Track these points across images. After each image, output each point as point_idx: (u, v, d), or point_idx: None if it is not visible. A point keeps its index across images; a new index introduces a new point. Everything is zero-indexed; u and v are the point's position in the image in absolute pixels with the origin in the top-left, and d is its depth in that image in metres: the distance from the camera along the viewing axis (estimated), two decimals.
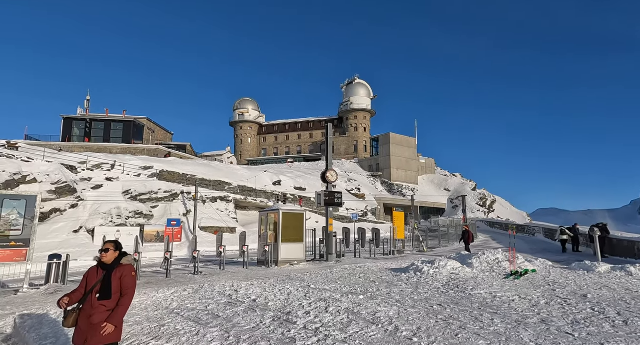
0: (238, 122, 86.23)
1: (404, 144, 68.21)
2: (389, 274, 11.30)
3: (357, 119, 78.03)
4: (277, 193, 39.69)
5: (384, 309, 6.53)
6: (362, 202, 48.15)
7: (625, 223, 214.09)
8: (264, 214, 16.95)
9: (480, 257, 12.05)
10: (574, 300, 7.08)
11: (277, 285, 9.21)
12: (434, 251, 21.76)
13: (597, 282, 9.21)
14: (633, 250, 17.11)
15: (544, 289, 8.44)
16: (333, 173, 17.90)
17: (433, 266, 11.03)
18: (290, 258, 15.14)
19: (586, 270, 11.23)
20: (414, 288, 8.73)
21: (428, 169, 72.99)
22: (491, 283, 9.15)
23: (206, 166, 40.17)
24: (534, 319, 5.83)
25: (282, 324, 5.80)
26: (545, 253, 19.78)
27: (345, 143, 78.19)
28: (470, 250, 18.72)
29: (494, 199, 63.97)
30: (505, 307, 6.69)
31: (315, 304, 7.10)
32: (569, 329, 5.25)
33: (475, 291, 8.08)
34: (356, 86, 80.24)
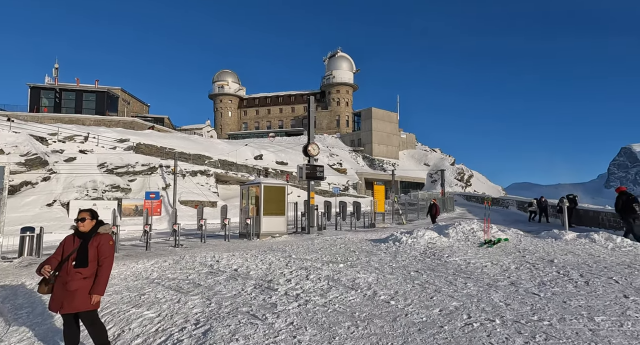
0: (218, 95, 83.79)
1: (385, 119, 68.33)
2: (368, 244, 11.58)
3: (340, 93, 77.18)
4: (258, 167, 39.42)
5: (363, 276, 6.72)
6: (343, 177, 48.54)
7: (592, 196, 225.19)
8: (245, 187, 16.86)
9: (456, 227, 12.47)
10: (542, 265, 7.48)
11: (258, 256, 9.30)
12: (412, 223, 22.38)
13: (563, 249, 9.73)
14: (598, 219, 18.10)
15: (515, 255, 8.86)
16: (315, 147, 17.83)
17: (411, 236, 11.35)
18: (272, 231, 15.26)
19: (554, 238, 11.82)
20: (392, 257, 8.99)
21: (409, 144, 73.79)
22: (466, 251, 9.53)
23: (185, 139, 39.24)
24: (504, 282, 6.14)
25: (263, 291, 5.90)
26: (518, 223, 20.69)
27: (327, 117, 77.61)
28: (435, 221, 19.18)
29: (471, 174, 65.71)
30: (478, 272, 7.00)
31: (297, 272, 7.23)
32: (535, 290, 5.56)
33: (451, 258, 8.40)
34: (339, 59, 78.74)
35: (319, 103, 78.18)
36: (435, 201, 20.93)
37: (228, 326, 4.29)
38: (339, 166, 52.94)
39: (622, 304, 4.70)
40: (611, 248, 9.92)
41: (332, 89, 77.34)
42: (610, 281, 5.94)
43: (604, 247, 10.09)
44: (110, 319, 4.82)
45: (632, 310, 4.47)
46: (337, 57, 78.93)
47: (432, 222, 19.50)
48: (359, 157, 63.79)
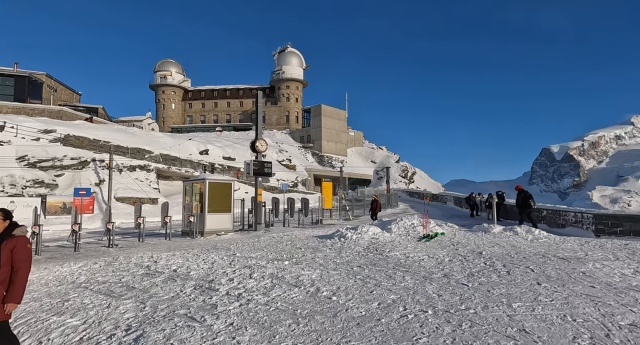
0: (160, 86, 79.14)
1: (334, 116, 69.33)
2: (314, 240, 11.70)
3: (289, 89, 76.80)
4: (204, 163, 37.97)
5: (307, 273, 6.78)
6: (292, 173, 48.50)
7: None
8: (189, 183, 16.15)
9: (398, 223, 13.05)
10: (472, 257, 8.09)
11: (200, 255, 8.97)
12: (358, 219, 23.01)
13: (491, 241, 10.62)
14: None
15: (449, 248, 9.49)
16: (263, 143, 17.57)
17: (356, 232, 11.67)
18: (217, 228, 14.81)
19: (484, 231, 12.87)
20: (337, 253, 9.17)
21: (357, 141, 75.65)
22: (406, 245, 10.01)
23: (123, 132, 36.56)
24: (438, 274, 6.55)
25: (203, 291, 5.70)
26: (454, 218, 22.19)
27: (276, 113, 76.90)
28: (377, 217, 19.31)
29: (414, 171, 69.14)
30: (416, 265, 7.39)
31: (240, 271, 7.09)
32: (465, 280, 6.01)
33: (392, 253, 8.78)
34: (288, 55, 78.24)
35: (268, 98, 77.20)
36: (376, 197, 21.44)
37: (163, 330, 4.08)
38: (288, 162, 52.79)
39: (535, 291, 5.25)
40: (530, 239, 11.03)
41: (282, 84, 76.73)
42: (527, 270, 6.60)
43: (525, 239, 11.19)
44: (25, 329, 4.35)
45: (542, 295, 5.00)
46: (287, 53, 78.38)
47: (372, 218, 19.96)
48: (308, 154, 64.11)
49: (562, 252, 8.76)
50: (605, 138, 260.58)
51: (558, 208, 16.87)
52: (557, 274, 6.24)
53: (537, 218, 18.46)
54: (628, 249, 9.16)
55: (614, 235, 13.68)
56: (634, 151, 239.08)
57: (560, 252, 8.73)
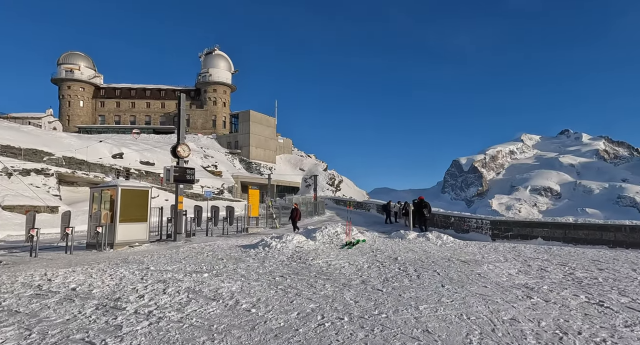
0: (65, 80, 70.63)
1: (263, 122, 68.78)
2: (238, 250, 11.39)
3: (217, 93, 74.32)
4: (117, 167, 34.68)
5: (227, 285, 6.55)
6: (218, 180, 46.75)
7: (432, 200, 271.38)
8: (97, 190, 14.58)
9: (322, 231, 13.35)
10: (388, 263, 8.62)
11: (107, 270, 8.12)
12: (285, 227, 22.98)
13: (406, 247, 11.43)
14: (433, 220, 21.84)
15: (369, 255, 9.98)
16: (185, 148, 16.67)
17: (281, 241, 11.64)
18: (130, 239, 13.58)
19: (400, 238, 13.81)
20: (260, 262, 9.04)
21: (285, 148, 75.88)
22: (329, 253, 10.27)
23: (14, 130, 31.75)
24: (357, 280, 6.84)
25: (107, 311, 5.16)
26: (376, 225, 23.43)
27: (202, 117, 73.71)
28: (296, 227, 18.86)
29: (341, 179, 71.50)
30: (337, 273, 7.62)
31: (153, 286, 6.58)
32: (380, 286, 6.36)
33: (315, 261, 8.93)
34: (216, 57, 75.87)
35: (194, 101, 73.75)
36: (297, 206, 21.14)
37: None
38: (213, 168, 50.77)
39: (440, 293, 5.78)
40: (439, 245, 12.13)
41: (209, 87, 73.96)
42: (434, 274, 7.24)
43: (435, 244, 12.27)
44: None
45: (445, 297, 5.53)
46: (214, 55, 75.93)
47: (293, 228, 19.11)
48: (235, 160, 62.44)
49: (464, 255, 9.79)
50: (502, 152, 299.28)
51: (463, 215, 18.85)
52: (458, 276, 6.95)
53: (446, 224, 20.35)
54: (515, 251, 10.59)
55: (506, 239, 15.70)
56: (523, 164, 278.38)
57: (463, 255, 9.74)
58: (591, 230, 13.50)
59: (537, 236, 14.85)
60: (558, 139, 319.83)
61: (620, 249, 12.44)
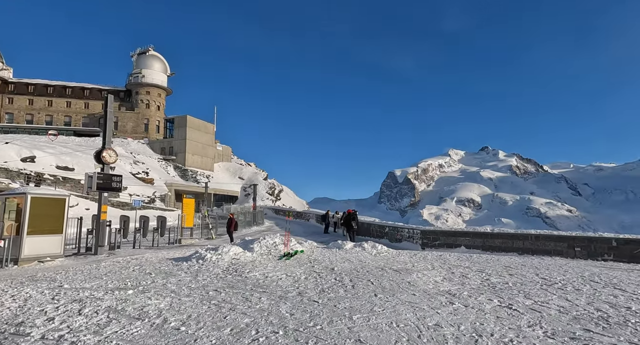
0: None
1: (201, 128, 66.22)
2: (169, 263, 10.71)
3: (150, 95, 70.04)
4: (28, 172, 30.80)
5: (154, 302, 6.12)
6: (149, 188, 43.77)
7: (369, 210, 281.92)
8: (1, 198, 12.79)
9: (260, 242, 13.12)
10: (325, 273, 8.74)
11: (8, 291, 7.11)
12: (222, 238, 22.18)
13: (343, 257, 11.69)
14: (370, 230, 22.67)
15: (307, 266, 10.02)
16: (112, 153, 15.39)
17: (216, 253, 11.20)
18: (40, 254, 12.07)
19: (338, 248, 14.10)
20: (193, 276, 8.60)
21: (224, 156, 73.71)
22: (266, 265, 10.12)
23: None
24: (293, 292, 6.82)
25: (5, 339, 4.51)
26: (315, 235, 23.63)
27: (133, 120, 68.81)
28: (233, 238, 18.36)
29: (281, 189, 71.15)
30: (274, 285, 7.53)
31: (66, 307, 5.91)
32: (316, 297, 6.42)
33: (251, 273, 8.73)
34: (150, 58, 71.72)
35: (123, 103, 68.71)
36: (233, 216, 20.42)
37: None
38: (144, 175, 47.47)
39: (372, 302, 6.00)
40: (374, 254, 12.61)
41: (141, 89, 69.47)
42: (368, 283, 7.50)
43: (370, 253, 12.72)
44: None
45: (377, 306, 5.76)
46: (148, 56, 71.69)
47: (230, 239, 18.51)
48: (170, 167, 59.04)
49: (397, 264, 10.29)
50: (432, 165, 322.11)
51: (396, 225, 19.87)
52: (390, 285, 7.28)
53: (381, 234, 21.23)
54: (441, 259, 11.39)
55: (434, 247, 16.83)
56: (450, 177, 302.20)
57: (395, 264, 10.24)
58: (504, 239, 15.06)
59: (461, 245, 16.16)
60: (479, 154, 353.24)
61: (527, 255, 14.03)
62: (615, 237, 12.97)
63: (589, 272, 9.02)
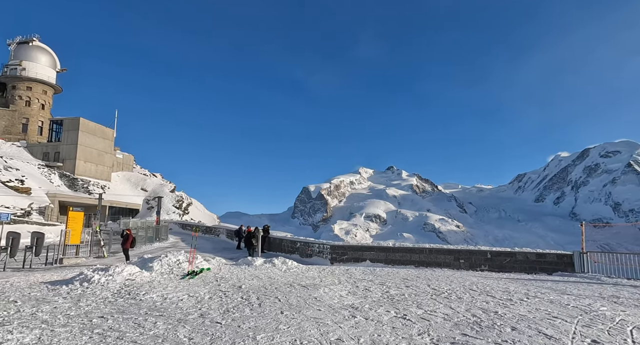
0: None
1: (98, 133, 59.17)
2: (43, 288, 9.12)
3: (32, 92, 60.50)
4: None
5: (16, 337, 5.11)
6: (25, 198, 37.22)
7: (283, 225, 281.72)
8: None
9: (162, 260, 12.05)
10: (231, 292, 8.37)
11: None
12: (116, 256, 19.81)
13: (252, 274, 11.38)
14: (281, 246, 22.58)
15: (212, 285, 9.49)
16: None
17: (106, 273, 9.93)
18: None
19: (247, 264, 13.69)
20: (74, 302, 7.45)
21: (125, 165, 66.80)
22: (166, 285, 9.30)
23: None
24: (194, 314, 6.37)
25: None
26: (224, 251, 22.61)
27: (7, 118, 58.43)
28: (129, 256, 16.70)
29: (190, 202, 66.89)
30: (173, 307, 6.94)
31: None
32: (219, 318, 6.10)
33: (148, 295, 7.93)
34: (34, 49, 62.35)
35: None
36: (130, 231, 18.31)
37: None
38: (19, 184, 40.25)
39: (278, 320, 5.93)
40: (284, 270, 12.55)
41: (20, 84, 59.71)
42: (275, 300, 7.41)
43: (280, 269, 12.63)
44: None
45: (282, 323, 5.71)
46: (32, 47, 62.23)
47: (125, 257, 16.69)
48: (54, 175, 51.15)
49: (306, 280, 10.39)
50: (344, 182, 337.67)
51: (308, 240, 20.18)
52: (297, 302, 7.29)
53: (292, 249, 21.30)
54: (348, 274, 11.87)
55: (342, 262, 17.48)
56: (360, 194, 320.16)
57: (304, 280, 10.33)
58: (404, 253, 16.39)
59: (366, 259, 17.08)
60: (386, 173, 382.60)
61: (422, 268, 15.46)
62: (489, 250, 15.12)
63: (469, 282, 10.30)
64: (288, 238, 22.32)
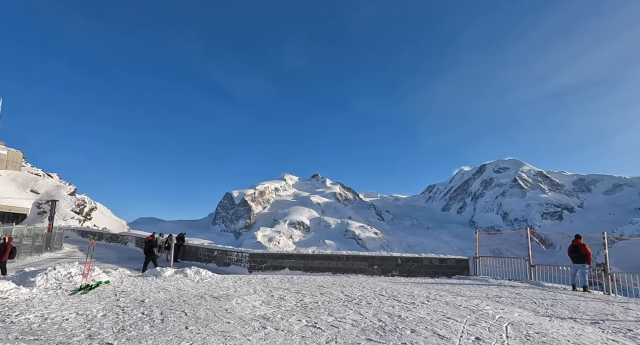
0: None
1: None
2: None
3: None
4: None
5: None
6: None
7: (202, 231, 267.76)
8: None
9: (48, 273, 10.47)
10: (131, 307, 7.57)
11: None
12: None
13: (159, 286, 10.48)
14: (197, 254, 21.34)
15: (109, 300, 8.48)
16: None
17: None
18: None
19: (155, 275, 12.59)
20: None
21: (10, 163, 57.40)
22: (50, 303, 8.06)
23: None
24: (80, 336, 5.59)
25: None
26: (131, 261, 20.56)
27: None
28: (6, 270, 14.19)
29: (94, 206, 59.88)
30: (54, 329, 6.01)
31: None
32: (111, 338, 5.43)
33: (22, 316, 6.76)
34: None
35: None
36: (9, 240, 15.32)
37: None
38: None
39: (181, 336, 5.49)
40: (197, 281, 11.82)
41: None
42: (182, 315, 6.88)
43: (192, 280, 11.86)
44: None
45: (185, 340, 5.30)
46: None
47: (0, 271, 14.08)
48: None
49: (219, 290, 9.90)
50: (269, 189, 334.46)
51: (226, 248, 19.39)
52: (205, 315, 6.87)
53: (209, 258, 20.28)
54: (265, 283, 11.64)
55: (261, 270, 17.14)
56: (285, 201, 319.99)
57: (218, 290, 9.82)
58: (322, 260, 16.68)
59: (285, 267, 16.99)
60: (311, 181, 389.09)
61: (339, 274, 15.90)
62: (400, 256, 16.18)
63: (380, 287, 10.85)
64: (205, 246, 21.19)
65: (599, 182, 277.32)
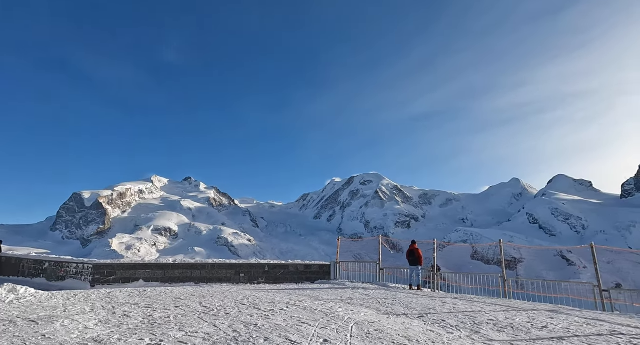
0: None
1: None
2: None
3: None
4: None
5: None
6: None
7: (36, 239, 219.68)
8: None
9: None
10: None
11: None
12: None
13: None
14: (19, 268, 17.26)
15: None
16: None
17: None
18: None
19: None
20: None
21: None
22: None
23: None
24: None
25: None
26: None
27: None
28: None
29: None
30: None
31: None
32: None
33: None
34: None
35: None
36: None
37: None
38: None
39: None
40: (10, 301, 9.44)
41: None
42: None
43: (3, 300, 9.43)
44: None
45: None
46: None
47: None
48: None
49: (41, 311, 8.08)
50: (131, 191, 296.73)
51: (61, 259, 16.16)
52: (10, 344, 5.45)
53: (37, 272, 16.67)
54: (109, 298, 10.06)
55: (108, 283, 14.85)
56: (150, 205, 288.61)
57: (38, 312, 8.00)
58: (184, 269, 15.47)
59: (139, 278, 15.14)
60: (182, 184, 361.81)
61: (203, 284, 14.98)
62: (267, 263, 16.24)
63: (243, 296, 10.59)
64: (31, 257, 17.22)
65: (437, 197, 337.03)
